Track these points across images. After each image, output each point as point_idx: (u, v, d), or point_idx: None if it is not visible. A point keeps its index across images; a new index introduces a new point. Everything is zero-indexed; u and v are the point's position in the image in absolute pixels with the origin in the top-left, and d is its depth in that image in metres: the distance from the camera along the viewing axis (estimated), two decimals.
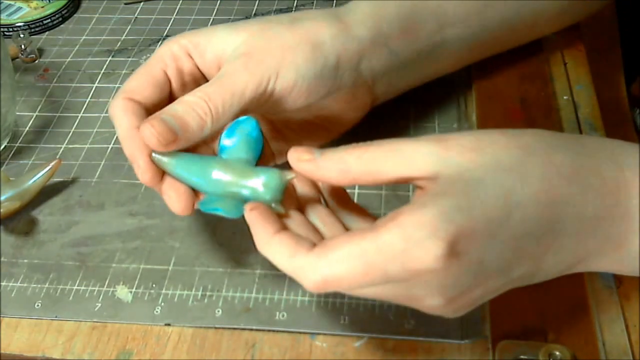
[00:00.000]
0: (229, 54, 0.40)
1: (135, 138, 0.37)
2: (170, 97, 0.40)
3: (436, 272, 0.29)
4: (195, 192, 0.37)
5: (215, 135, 0.38)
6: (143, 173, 0.37)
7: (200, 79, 0.41)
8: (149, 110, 0.38)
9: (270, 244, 0.33)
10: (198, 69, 0.41)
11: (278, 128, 0.44)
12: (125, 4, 0.67)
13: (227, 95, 0.37)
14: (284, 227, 0.33)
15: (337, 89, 0.42)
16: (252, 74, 0.38)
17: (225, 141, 0.37)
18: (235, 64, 0.38)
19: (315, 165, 0.33)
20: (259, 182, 0.35)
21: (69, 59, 0.61)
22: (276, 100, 0.40)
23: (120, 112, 0.38)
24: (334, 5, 0.64)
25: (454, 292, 0.31)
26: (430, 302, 0.31)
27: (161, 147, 0.35)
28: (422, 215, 0.29)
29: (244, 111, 0.38)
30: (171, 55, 0.40)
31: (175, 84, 0.41)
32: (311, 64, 0.40)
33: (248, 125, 0.38)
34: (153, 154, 0.37)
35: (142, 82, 0.39)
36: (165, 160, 0.37)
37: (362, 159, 0.32)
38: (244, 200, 0.35)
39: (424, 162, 0.31)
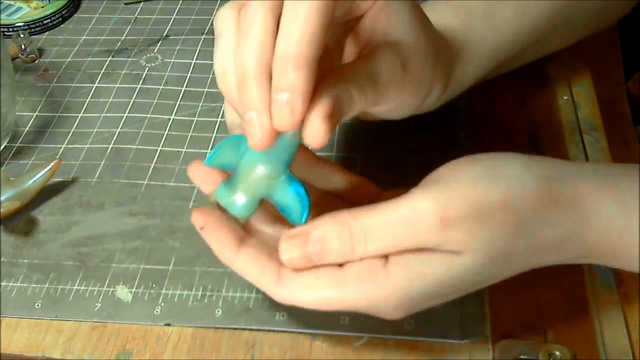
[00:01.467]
0: (395, 45, 0.35)
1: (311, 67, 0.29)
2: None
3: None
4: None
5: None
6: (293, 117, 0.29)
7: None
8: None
9: (236, 261, 0.34)
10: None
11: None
12: (125, 4, 0.67)
13: (373, 101, 0.34)
14: (242, 237, 0.34)
15: None
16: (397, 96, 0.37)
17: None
18: (395, 74, 0.35)
19: (308, 262, 0.33)
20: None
21: (69, 59, 0.61)
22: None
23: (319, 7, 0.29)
24: None
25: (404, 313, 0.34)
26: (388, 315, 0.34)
27: (318, 141, 0.30)
28: (390, 297, 0.32)
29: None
30: None
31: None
32: (412, 110, 0.41)
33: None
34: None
35: None
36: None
37: (367, 252, 0.32)
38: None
39: (429, 242, 0.31)
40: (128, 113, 0.54)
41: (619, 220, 0.33)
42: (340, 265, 0.33)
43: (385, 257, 0.32)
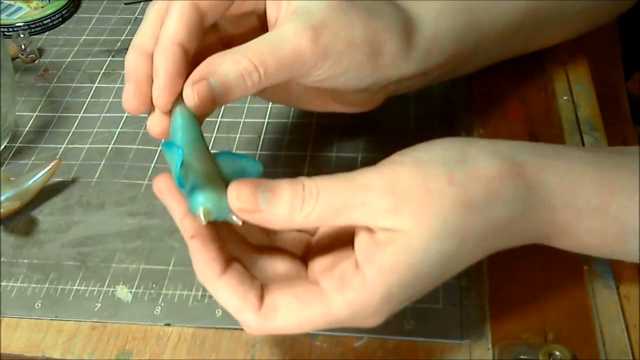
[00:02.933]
0: (300, 9, 0.37)
1: (171, 52, 0.35)
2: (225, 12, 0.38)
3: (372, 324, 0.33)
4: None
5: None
6: (156, 121, 0.36)
7: (260, 5, 0.39)
8: (205, 20, 0.37)
9: (216, 285, 0.33)
10: None
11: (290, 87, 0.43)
12: (125, 4, 0.67)
13: (283, 70, 0.36)
14: (227, 259, 0.33)
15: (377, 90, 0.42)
16: (313, 55, 0.36)
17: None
18: (301, 37, 0.36)
19: (261, 219, 0.33)
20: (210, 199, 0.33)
21: (69, 59, 0.61)
22: (321, 82, 0.39)
23: (176, 14, 0.36)
24: None
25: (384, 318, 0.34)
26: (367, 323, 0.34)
27: (196, 109, 0.35)
28: (369, 294, 0.32)
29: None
30: None
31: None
32: (368, 73, 0.39)
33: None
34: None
35: None
36: (177, 111, 0.35)
37: (309, 218, 0.32)
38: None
39: (373, 213, 0.32)
40: (128, 113, 0.54)
41: (561, 196, 0.34)
42: (303, 259, 0.35)
43: (355, 264, 0.32)
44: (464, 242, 0.32)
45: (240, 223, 0.33)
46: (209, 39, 0.39)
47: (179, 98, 0.35)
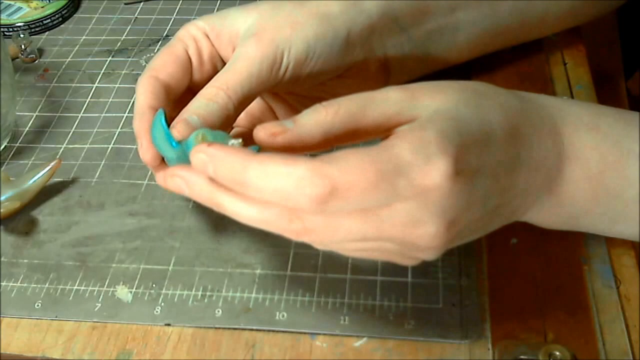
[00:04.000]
0: (242, 35, 0.41)
1: (145, 117, 0.38)
2: (190, 77, 0.42)
3: (443, 190, 0.30)
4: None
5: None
6: (145, 152, 0.38)
7: (218, 60, 0.42)
8: (172, 88, 0.40)
9: (254, 161, 0.29)
10: (216, 50, 0.42)
11: (294, 107, 0.45)
12: (125, 4, 0.67)
13: (243, 79, 0.38)
14: None
15: (350, 64, 0.43)
16: (264, 53, 0.39)
17: None
18: (247, 46, 0.40)
19: (294, 135, 0.32)
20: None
21: (69, 59, 0.61)
22: (291, 77, 0.40)
23: (141, 88, 0.39)
24: None
25: (452, 215, 0.31)
26: (430, 228, 0.30)
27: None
28: (426, 134, 0.30)
29: (261, 92, 0.40)
30: (190, 37, 0.42)
31: (195, 64, 0.42)
32: (321, 37, 0.41)
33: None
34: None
35: (165, 60, 0.41)
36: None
37: (338, 114, 0.32)
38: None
39: (400, 107, 0.32)
40: (128, 113, 0.54)
41: (554, 109, 0.36)
42: None
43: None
44: (488, 112, 0.33)
45: (240, 141, 0.33)
46: None
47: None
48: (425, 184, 0.29)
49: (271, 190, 0.29)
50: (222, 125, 0.38)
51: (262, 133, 0.32)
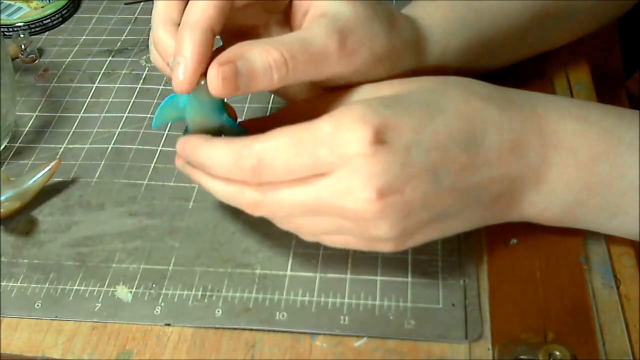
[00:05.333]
0: (330, 16, 0.37)
1: (200, 34, 0.35)
2: None
3: (363, 156, 0.32)
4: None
5: None
6: (185, 80, 0.35)
7: None
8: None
9: (206, 145, 0.35)
10: None
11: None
12: (125, 4, 0.67)
13: (310, 68, 0.36)
14: None
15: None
16: (342, 64, 0.37)
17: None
18: (332, 40, 0.36)
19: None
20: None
21: (69, 59, 0.61)
22: (335, 83, 0.39)
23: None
24: None
25: (382, 182, 0.32)
26: (361, 194, 0.32)
27: (217, 93, 0.34)
28: (352, 106, 0.33)
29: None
30: None
31: None
32: (391, 71, 0.40)
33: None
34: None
35: None
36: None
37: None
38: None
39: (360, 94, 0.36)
40: (128, 113, 0.54)
41: (540, 101, 0.37)
42: None
43: None
44: (445, 95, 0.35)
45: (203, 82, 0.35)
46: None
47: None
48: (345, 152, 0.32)
49: (218, 167, 0.34)
50: (255, 90, 0.36)
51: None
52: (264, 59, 0.34)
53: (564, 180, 0.36)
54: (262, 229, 0.43)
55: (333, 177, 0.32)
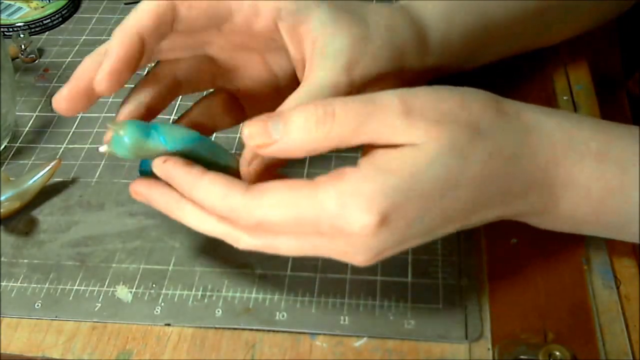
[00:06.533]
0: (330, 55, 0.37)
1: (129, 37, 0.35)
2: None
3: (363, 238, 0.31)
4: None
5: None
6: (103, 78, 0.35)
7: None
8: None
9: (200, 185, 0.33)
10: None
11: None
12: (125, 4, 0.67)
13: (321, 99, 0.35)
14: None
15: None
16: (355, 91, 0.37)
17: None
18: (340, 82, 0.37)
19: (279, 149, 0.32)
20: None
21: (69, 59, 0.61)
22: None
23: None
24: None
25: (377, 252, 0.32)
26: (354, 257, 0.33)
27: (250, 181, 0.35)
28: (362, 185, 0.31)
29: None
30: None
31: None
32: (398, 69, 0.40)
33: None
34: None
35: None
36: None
37: (329, 136, 0.32)
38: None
39: (390, 130, 0.32)
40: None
41: (560, 137, 0.35)
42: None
43: (356, 165, 0.32)
44: (469, 164, 0.32)
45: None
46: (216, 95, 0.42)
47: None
48: (346, 231, 0.31)
49: (213, 209, 0.33)
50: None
51: (250, 141, 0.33)
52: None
53: (573, 212, 0.35)
54: None
55: (329, 243, 0.32)
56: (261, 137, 0.32)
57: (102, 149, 0.36)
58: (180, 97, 0.43)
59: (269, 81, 0.42)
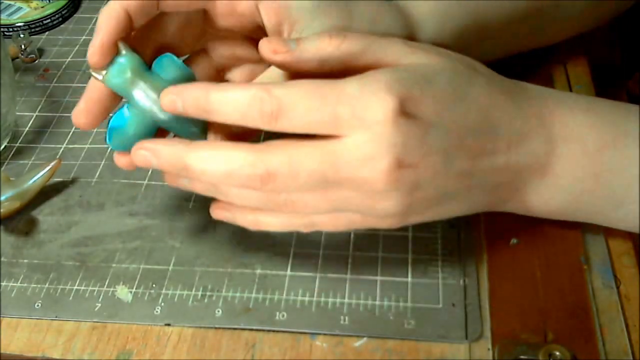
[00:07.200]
0: (308, 35, 0.38)
1: (115, 13, 0.36)
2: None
3: (385, 124, 0.31)
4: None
5: None
6: (94, 52, 0.36)
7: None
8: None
9: (216, 88, 0.33)
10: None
11: None
12: None
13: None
14: None
15: None
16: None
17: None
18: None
19: (293, 57, 0.34)
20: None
21: (69, 59, 0.61)
22: None
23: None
24: None
25: (401, 153, 0.32)
26: (380, 163, 0.32)
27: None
28: (380, 74, 0.32)
29: None
30: None
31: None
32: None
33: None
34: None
35: None
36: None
37: (340, 49, 0.34)
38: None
39: (397, 57, 0.35)
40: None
41: (551, 93, 0.38)
42: None
43: None
44: (472, 85, 0.35)
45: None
46: (204, 67, 0.42)
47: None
48: (367, 117, 0.31)
49: (231, 112, 0.32)
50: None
51: (265, 47, 0.34)
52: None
53: (571, 170, 0.37)
54: None
55: (351, 143, 0.31)
56: (278, 43, 0.34)
57: (99, 75, 0.37)
58: None
59: (248, 58, 0.43)
